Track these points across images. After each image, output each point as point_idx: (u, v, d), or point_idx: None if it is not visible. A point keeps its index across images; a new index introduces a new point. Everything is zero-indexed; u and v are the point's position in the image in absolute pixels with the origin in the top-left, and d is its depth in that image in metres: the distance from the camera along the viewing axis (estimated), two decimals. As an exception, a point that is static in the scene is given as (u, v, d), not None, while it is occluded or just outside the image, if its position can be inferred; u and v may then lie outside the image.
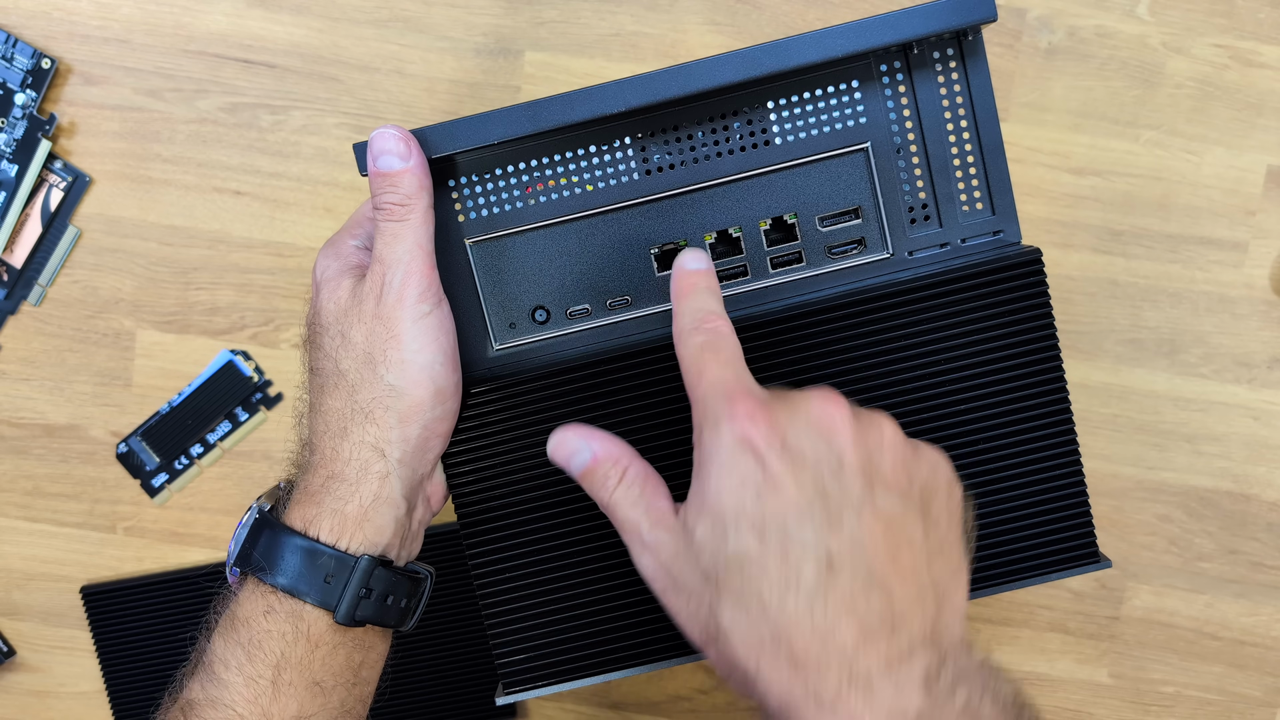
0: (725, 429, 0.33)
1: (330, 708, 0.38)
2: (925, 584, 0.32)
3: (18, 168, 0.57)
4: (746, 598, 0.32)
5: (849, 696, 0.30)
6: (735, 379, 0.34)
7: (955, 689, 0.31)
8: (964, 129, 0.39)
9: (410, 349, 0.38)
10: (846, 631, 0.31)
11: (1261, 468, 0.58)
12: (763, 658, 0.31)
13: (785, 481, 0.32)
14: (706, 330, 0.36)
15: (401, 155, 0.38)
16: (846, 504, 0.32)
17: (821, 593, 0.31)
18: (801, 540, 0.31)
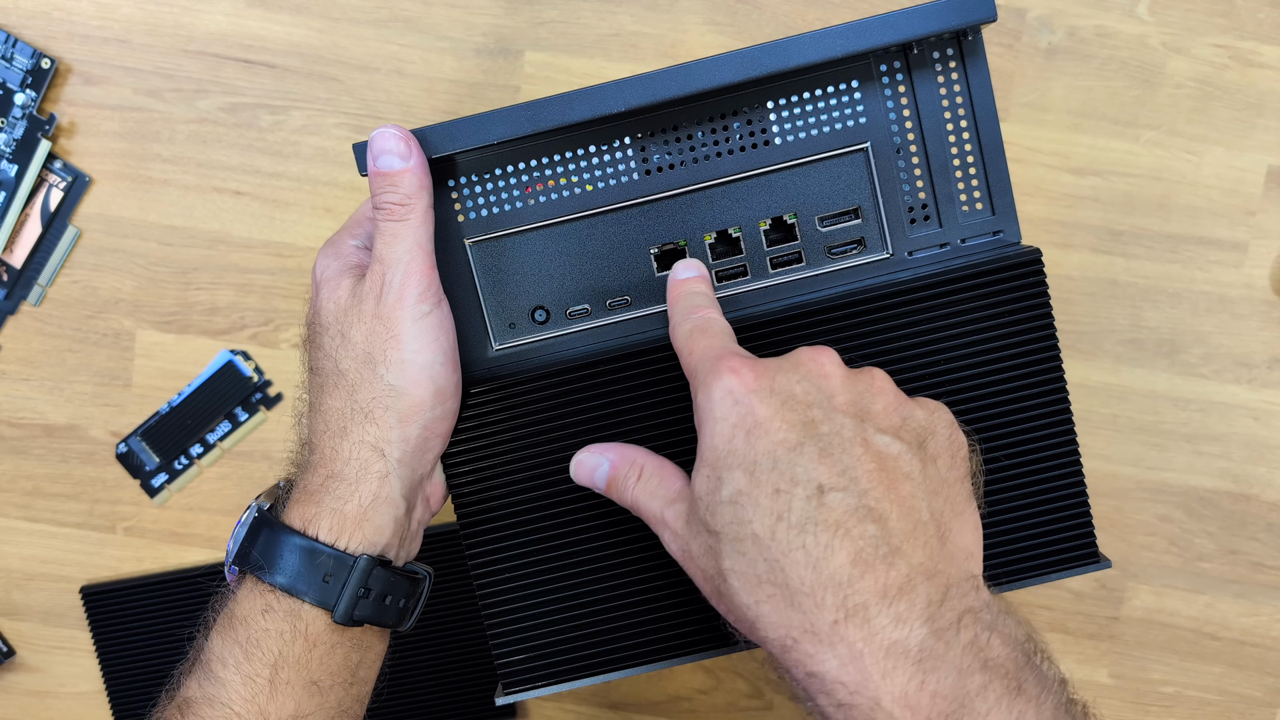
0: (714, 384, 0.33)
1: (327, 707, 0.38)
2: (924, 517, 0.32)
3: (18, 168, 0.57)
4: (742, 537, 0.32)
5: (846, 628, 0.30)
6: (722, 345, 0.35)
7: (960, 624, 0.30)
8: (964, 129, 0.39)
9: (410, 349, 0.38)
10: (840, 557, 0.30)
11: (1261, 468, 0.58)
12: (760, 596, 0.31)
13: (774, 421, 0.32)
14: (696, 318, 0.37)
15: (401, 155, 0.38)
16: (836, 438, 0.32)
17: (813, 520, 0.31)
18: (791, 473, 0.31)
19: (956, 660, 0.29)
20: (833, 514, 0.31)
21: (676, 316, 0.38)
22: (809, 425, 0.32)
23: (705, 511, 0.33)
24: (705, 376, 0.34)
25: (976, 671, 0.29)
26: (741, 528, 0.32)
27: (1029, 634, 0.31)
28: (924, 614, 0.30)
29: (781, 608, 0.31)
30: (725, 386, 0.33)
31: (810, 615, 0.30)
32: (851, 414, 0.33)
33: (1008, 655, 0.30)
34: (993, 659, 0.30)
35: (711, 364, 0.34)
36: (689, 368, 0.36)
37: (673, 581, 0.41)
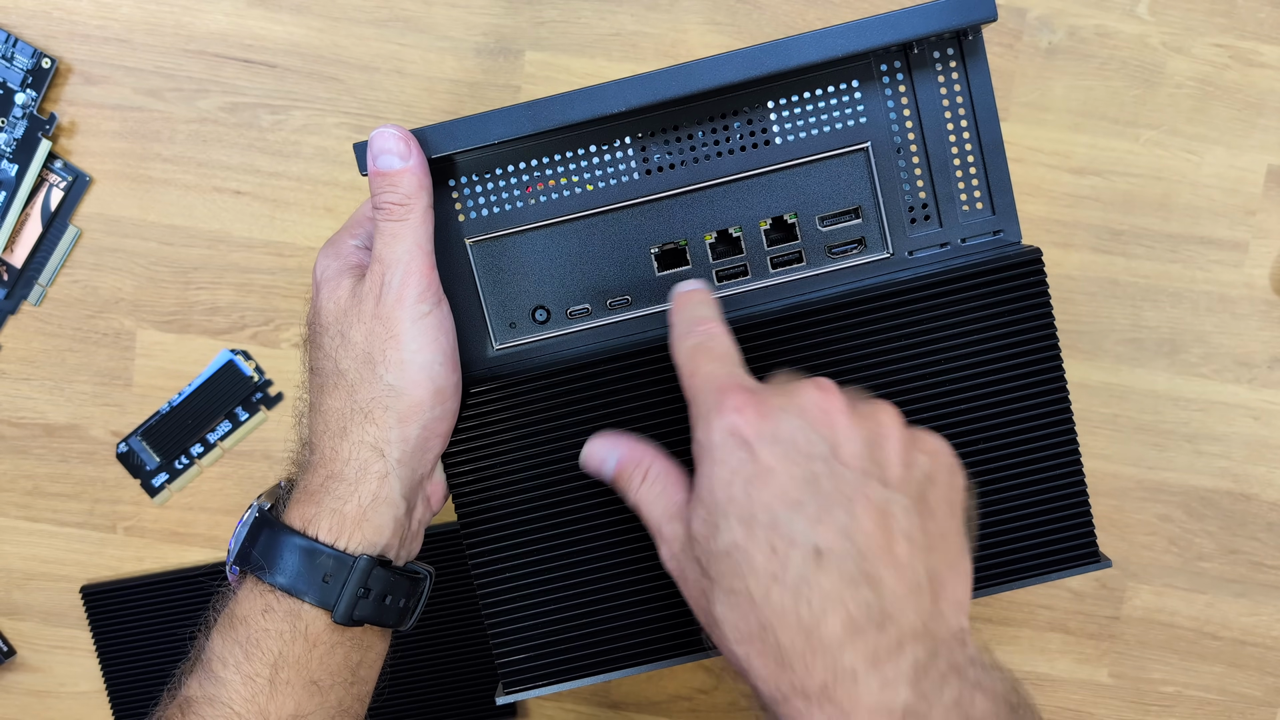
0: (715, 422, 0.33)
1: (328, 707, 0.38)
2: (920, 577, 0.32)
3: (18, 167, 0.57)
4: (735, 590, 0.32)
5: (834, 690, 0.30)
6: (726, 374, 0.34)
7: (945, 683, 0.30)
8: (964, 129, 0.39)
9: (410, 349, 0.38)
10: (832, 625, 0.30)
11: (1261, 468, 0.58)
12: (752, 650, 0.31)
13: (775, 472, 0.31)
14: (699, 333, 0.36)
15: (401, 155, 0.38)
16: (838, 495, 0.31)
17: (807, 585, 0.31)
18: (789, 532, 0.31)
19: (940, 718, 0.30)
20: (828, 579, 0.31)
21: (679, 328, 0.37)
22: (810, 481, 0.31)
23: (700, 553, 0.33)
24: (707, 409, 0.33)
25: None
26: (736, 581, 0.31)
27: (1013, 685, 0.32)
28: (910, 675, 0.30)
29: (771, 665, 0.31)
30: (727, 425, 0.32)
31: (800, 676, 0.30)
32: (855, 467, 0.32)
33: (990, 710, 0.31)
34: (974, 715, 0.30)
35: (715, 396, 0.33)
36: (689, 391, 0.35)
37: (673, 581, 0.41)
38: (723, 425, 0.32)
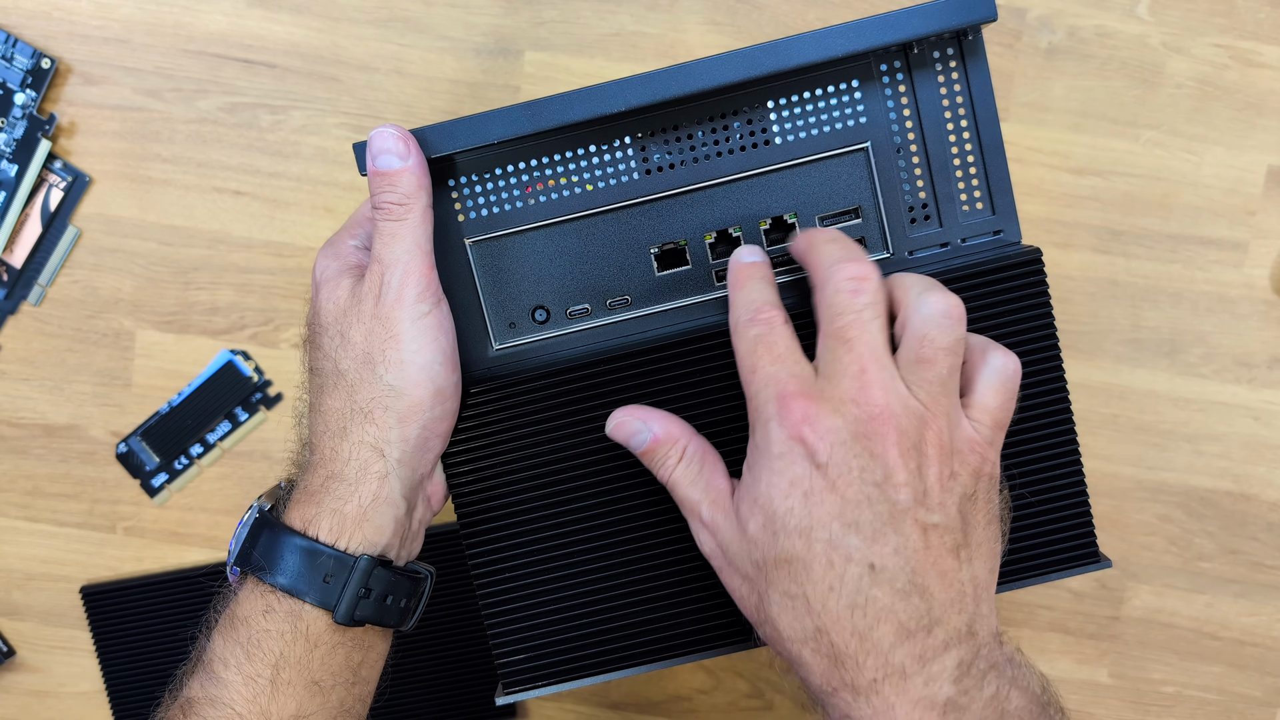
0: (776, 430, 0.34)
1: (329, 707, 0.38)
2: (965, 584, 0.34)
3: (18, 168, 0.57)
4: (793, 595, 0.34)
5: (883, 686, 0.33)
6: (789, 376, 0.35)
7: (985, 680, 0.33)
8: (964, 129, 0.39)
9: (409, 349, 0.38)
10: (885, 632, 0.33)
11: (1261, 468, 0.58)
12: (805, 649, 0.34)
13: (834, 491, 0.33)
14: (761, 322, 0.36)
15: (400, 154, 0.38)
16: (891, 516, 0.33)
17: (863, 597, 0.33)
18: (846, 548, 0.33)
19: (978, 712, 0.33)
20: (882, 592, 0.33)
21: (739, 311, 0.37)
22: (866, 502, 0.33)
23: (759, 555, 0.34)
24: (769, 414, 0.34)
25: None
26: (793, 587, 0.34)
27: (1044, 685, 0.35)
28: (954, 674, 0.33)
29: (824, 663, 0.33)
30: (790, 435, 0.34)
31: (851, 673, 0.33)
32: (908, 491, 0.33)
33: (1024, 706, 0.33)
34: (1009, 710, 0.33)
35: (778, 402, 0.34)
36: (748, 386, 0.36)
37: (673, 582, 0.41)
38: (785, 435, 0.34)
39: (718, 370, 0.40)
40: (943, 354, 0.34)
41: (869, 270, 0.35)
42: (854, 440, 0.33)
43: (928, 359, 0.34)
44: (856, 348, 0.34)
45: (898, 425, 0.33)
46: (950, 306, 0.34)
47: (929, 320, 0.34)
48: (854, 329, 0.34)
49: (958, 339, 0.34)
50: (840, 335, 0.34)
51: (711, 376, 0.40)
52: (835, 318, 0.34)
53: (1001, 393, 0.35)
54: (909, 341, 0.34)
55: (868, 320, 0.34)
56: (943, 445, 0.34)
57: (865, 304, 0.34)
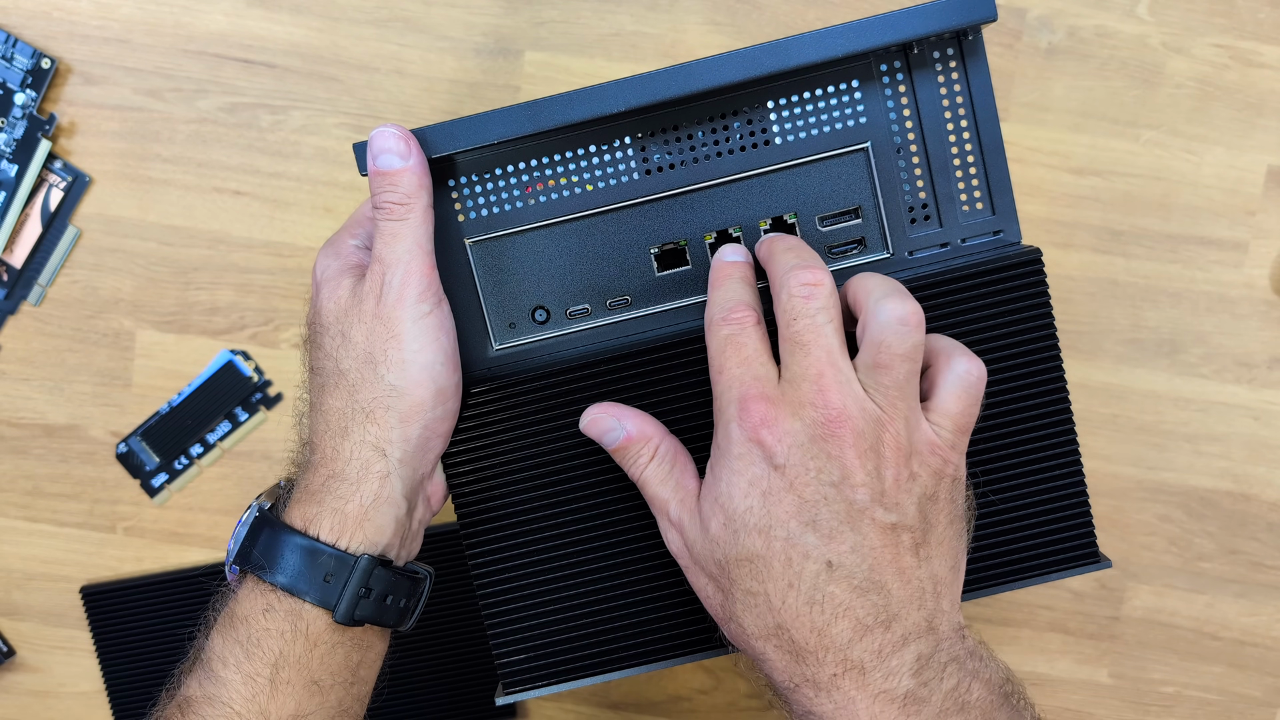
0: (736, 430, 0.35)
1: (328, 706, 0.38)
2: (924, 583, 0.35)
3: (18, 168, 0.57)
4: (754, 592, 0.34)
5: (843, 681, 0.33)
6: (752, 378, 0.35)
7: (945, 673, 0.33)
8: (964, 129, 0.39)
9: (411, 349, 0.38)
10: (843, 628, 0.33)
11: (1261, 468, 0.58)
12: (768, 645, 0.35)
13: (791, 490, 0.34)
14: (733, 321, 0.36)
15: (401, 154, 0.38)
16: (848, 515, 0.34)
17: (821, 594, 0.33)
18: (804, 545, 0.34)
19: (938, 704, 0.33)
20: (839, 589, 0.34)
21: (714, 309, 0.37)
22: (823, 501, 0.34)
23: (719, 555, 0.35)
24: (730, 415, 0.35)
25: (955, 713, 0.33)
26: (755, 585, 0.34)
27: (1007, 676, 0.35)
28: (913, 667, 0.33)
29: (786, 659, 0.34)
30: (749, 437, 0.34)
31: (812, 669, 0.34)
32: (865, 492, 0.34)
33: (985, 697, 0.34)
34: (971, 701, 0.33)
35: (739, 403, 0.35)
36: (714, 385, 0.36)
37: (673, 581, 0.41)
38: (744, 436, 0.34)
39: (718, 370, 0.40)
40: (899, 360, 0.34)
41: (821, 276, 0.35)
42: (811, 442, 0.34)
43: (885, 364, 0.34)
44: (813, 352, 0.34)
45: (854, 428, 0.34)
46: (908, 314, 0.35)
47: (886, 327, 0.34)
48: (808, 333, 0.35)
49: (915, 345, 0.35)
50: (796, 340, 0.35)
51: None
52: (790, 323, 0.35)
53: (964, 398, 0.36)
54: (867, 347, 0.35)
55: (821, 324, 0.35)
56: (900, 447, 0.34)
57: (818, 308, 0.35)
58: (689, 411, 0.40)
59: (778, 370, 0.36)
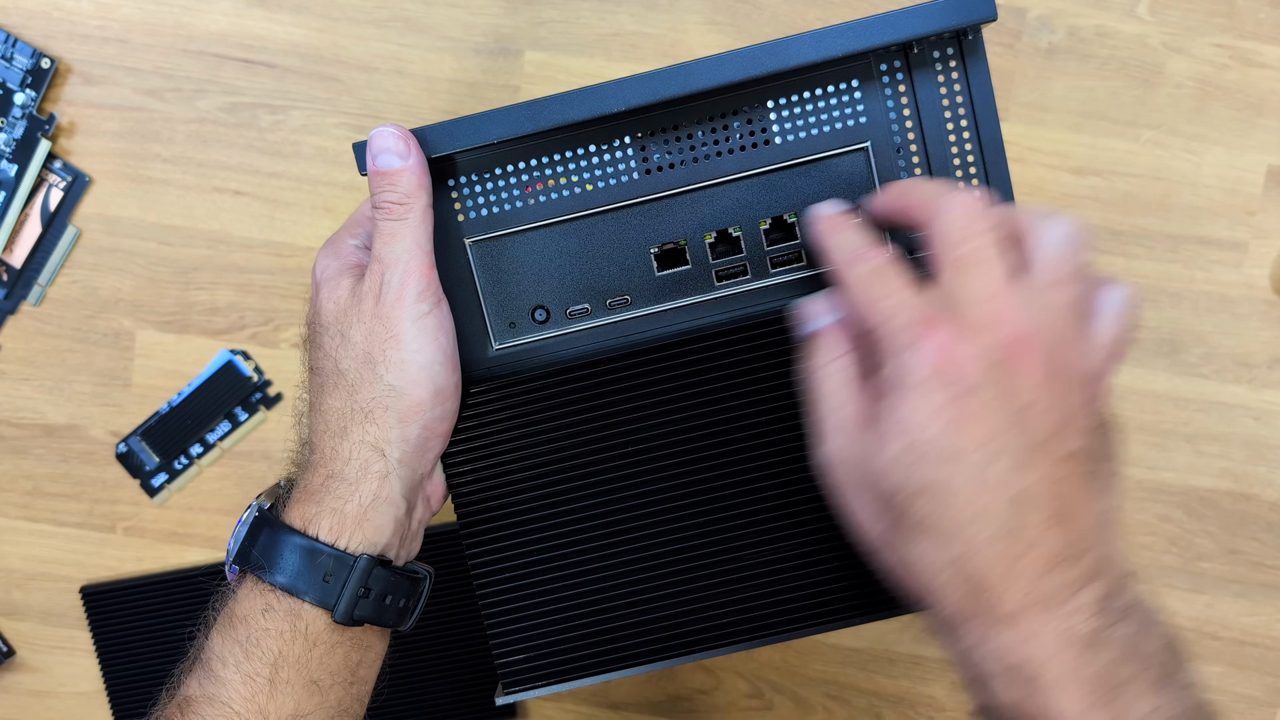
0: (921, 355, 0.32)
1: (327, 706, 0.38)
2: (1101, 517, 0.33)
3: (17, 167, 0.57)
4: (932, 524, 0.33)
5: (1026, 615, 0.32)
6: (919, 303, 0.33)
7: (1122, 619, 0.32)
8: (964, 129, 0.39)
9: (410, 349, 0.38)
10: (1032, 560, 0.32)
11: (1261, 468, 0.58)
12: (940, 576, 0.33)
13: (978, 418, 0.32)
14: (869, 258, 0.35)
15: (400, 154, 0.38)
16: (1034, 444, 0.32)
17: (1010, 526, 0.32)
18: (992, 475, 0.32)
19: (1117, 649, 0.32)
20: (1030, 520, 0.32)
21: (840, 253, 0.36)
22: (1011, 430, 0.32)
23: (893, 482, 0.33)
24: (904, 342, 0.33)
25: (1130, 661, 0.32)
26: (933, 516, 0.33)
27: (1173, 635, 0.34)
28: (1095, 608, 0.32)
29: (963, 590, 0.33)
30: (935, 362, 0.32)
31: (993, 601, 0.32)
32: (1048, 418, 0.32)
33: (1156, 651, 0.32)
34: (1144, 653, 0.32)
35: (915, 328, 0.33)
36: (872, 319, 0.34)
37: (673, 581, 0.41)
38: (929, 361, 0.32)
39: (718, 370, 0.40)
40: (1071, 278, 0.33)
41: (981, 198, 0.34)
42: (993, 366, 0.32)
43: (1060, 282, 0.33)
44: (986, 274, 0.33)
45: (1035, 351, 0.32)
46: (1078, 230, 0.34)
47: (1056, 244, 0.33)
48: (980, 254, 0.33)
49: (1085, 263, 0.34)
50: (966, 261, 0.33)
51: (712, 376, 0.40)
52: (957, 245, 0.33)
53: (1120, 323, 0.34)
54: (1040, 265, 0.33)
55: (990, 245, 0.33)
56: (1076, 371, 0.33)
57: (986, 228, 0.33)
58: (691, 411, 0.40)
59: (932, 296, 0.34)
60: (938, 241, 0.34)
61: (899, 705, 0.62)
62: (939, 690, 0.62)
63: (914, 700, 0.62)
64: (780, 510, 0.40)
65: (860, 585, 0.40)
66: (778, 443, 0.40)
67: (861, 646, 0.62)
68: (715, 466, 0.40)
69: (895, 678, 0.62)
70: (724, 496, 0.40)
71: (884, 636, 0.62)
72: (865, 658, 0.62)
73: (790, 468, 0.40)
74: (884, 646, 0.62)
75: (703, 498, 0.40)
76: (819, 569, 0.40)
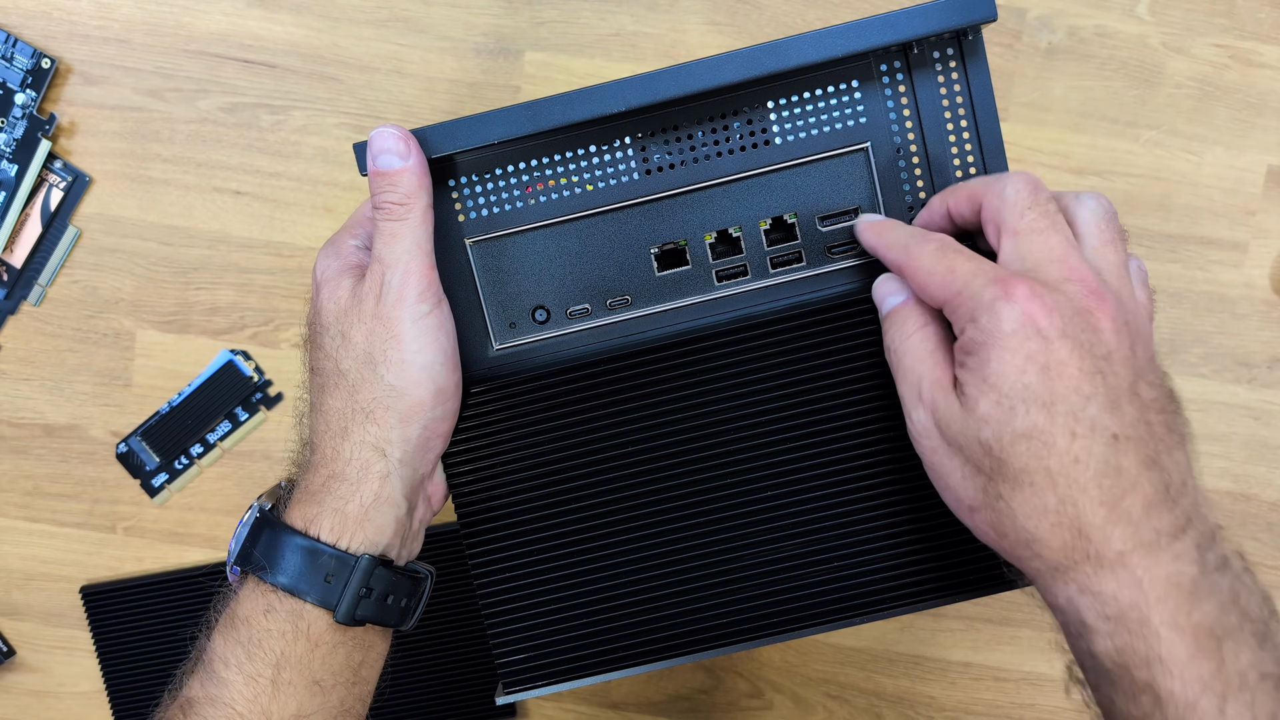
0: (1005, 310, 0.33)
1: (330, 706, 0.38)
2: (1184, 465, 0.34)
3: (18, 168, 0.57)
4: (1032, 469, 0.33)
5: (1131, 559, 0.32)
6: (995, 266, 0.35)
7: (1223, 569, 0.33)
8: (964, 129, 0.39)
9: (410, 349, 0.38)
10: (1134, 502, 0.32)
11: (1261, 468, 0.58)
12: (1043, 522, 0.33)
13: (1067, 364, 0.33)
14: (933, 239, 0.36)
15: (400, 154, 0.38)
16: (1120, 389, 0.33)
17: (1110, 467, 0.32)
18: (1089, 418, 0.33)
19: (1220, 599, 0.32)
20: (1128, 461, 0.32)
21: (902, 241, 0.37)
22: (1099, 375, 0.33)
23: (990, 434, 0.34)
24: (990, 298, 0.34)
25: (1233, 612, 0.32)
26: (1035, 462, 0.33)
27: (1267, 593, 0.34)
28: (1196, 555, 0.32)
29: (1066, 535, 0.33)
30: (1021, 314, 0.33)
31: (1097, 545, 0.32)
32: (1128, 366, 0.34)
33: (1257, 605, 0.33)
34: (1244, 606, 0.32)
35: (998, 286, 0.34)
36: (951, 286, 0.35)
37: (673, 581, 0.41)
38: (1014, 314, 0.33)
39: (718, 370, 0.40)
40: (1120, 240, 0.36)
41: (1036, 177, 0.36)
42: (1077, 315, 0.33)
43: (1110, 242, 0.35)
44: (1053, 236, 0.35)
45: (1111, 301, 0.34)
46: (1108, 203, 0.36)
47: (1098, 212, 0.36)
48: (1044, 219, 0.35)
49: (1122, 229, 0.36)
50: (1031, 228, 0.35)
51: (712, 376, 0.40)
52: (1020, 216, 0.35)
53: (1146, 289, 0.37)
54: (1088, 231, 0.36)
55: (1053, 212, 0.35)
56: (1139, 324, 0.35)
57: (1047, 198, 0.35)
58: (692, 411, 0.40)
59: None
60: (1000, 213, 0.36)
61: (899, 705, 0.62)
62: (939, 690, 0.62)
63: (914, 700, 0.62)
64: (780, 510, 0.40)
65: (861, 585, 0.40)
66: (778, 443, 0.40)
67: (861, 646, 0.62)
68: (715, 466, 0.40)
69: (895, 678, 0.62)
70: (724, 496, 0.40)
71: (884, 636, 0.62)
72: (865, 658, 0.62)
73: (790, 467, 0.40)
74: (884, 646, 0.62)
75: (703, 498, 0.40)
76: (819, 569, 0.40)
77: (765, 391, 0.40)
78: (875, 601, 0.40)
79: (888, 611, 0.40)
